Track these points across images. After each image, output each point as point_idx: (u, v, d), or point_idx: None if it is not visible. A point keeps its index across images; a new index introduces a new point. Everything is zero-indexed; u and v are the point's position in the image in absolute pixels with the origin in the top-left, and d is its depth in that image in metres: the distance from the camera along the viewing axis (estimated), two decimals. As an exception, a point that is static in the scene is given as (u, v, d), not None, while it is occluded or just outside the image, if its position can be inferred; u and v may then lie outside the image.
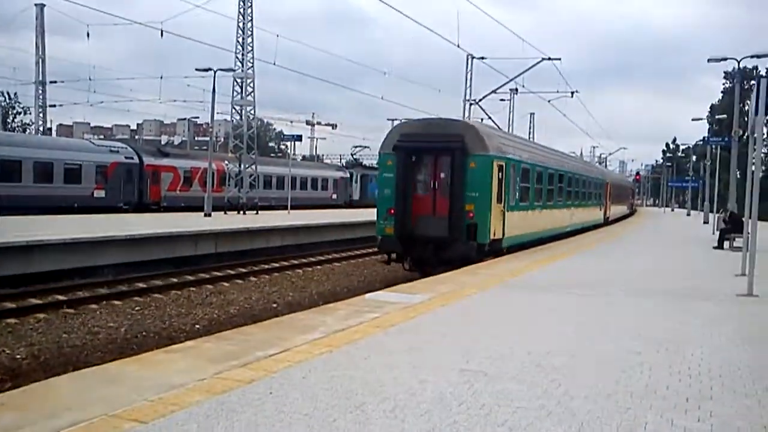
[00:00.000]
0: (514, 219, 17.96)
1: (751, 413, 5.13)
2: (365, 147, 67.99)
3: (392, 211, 16.32)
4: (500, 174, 16.76)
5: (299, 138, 41.64)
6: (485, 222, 16.09)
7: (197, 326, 12.67)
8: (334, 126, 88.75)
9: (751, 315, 9.45)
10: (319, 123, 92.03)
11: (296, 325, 7.89)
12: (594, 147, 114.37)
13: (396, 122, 47.42)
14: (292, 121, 79.95)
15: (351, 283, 18.42)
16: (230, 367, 5.91)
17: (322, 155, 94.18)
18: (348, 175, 55.82)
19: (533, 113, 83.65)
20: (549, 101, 38.28)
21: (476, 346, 7.01)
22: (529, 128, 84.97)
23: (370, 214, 34.83)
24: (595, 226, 32.40)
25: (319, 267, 21.39)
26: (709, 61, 30.95)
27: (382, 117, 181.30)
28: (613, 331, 8.02)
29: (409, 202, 16.24)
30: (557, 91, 36.95)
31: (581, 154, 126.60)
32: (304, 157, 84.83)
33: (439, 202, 16.20)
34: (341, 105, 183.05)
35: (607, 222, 36.93)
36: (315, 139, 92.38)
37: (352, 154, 64.97)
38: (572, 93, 35.49)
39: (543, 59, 29.32)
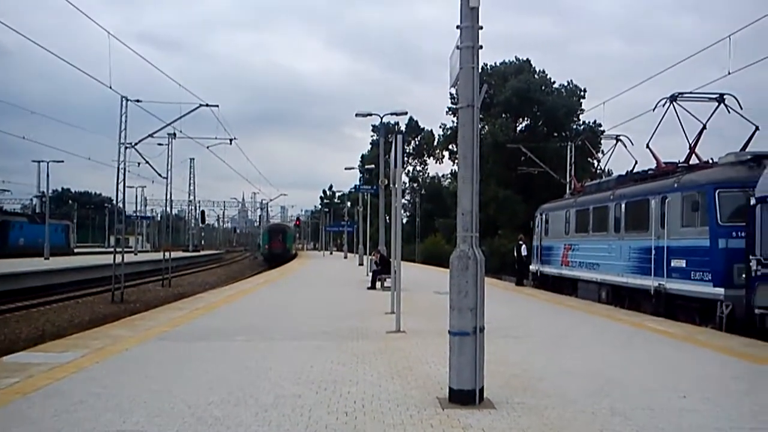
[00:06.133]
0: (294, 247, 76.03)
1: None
2: (6, 191, 61.80)
3: (267, 246, 64.10)
4: (294, 235, 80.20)
5: None
6: (292, 248, 71.99)
7: None
8: (-34, 167, 78.44)
9: (399, 350, 10.21)
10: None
11: None
12: (255, 193, 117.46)
13: (42, 164, 47.03)
14: None
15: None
16: None
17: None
18: None
19: (193, 158, 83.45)
20: (208, 147, 38.47)
21: (134, 404, 6.60)
22: (190, 173, 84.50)
23: (14, 265, 31.61)
24: (294, 255, 71.45)
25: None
26: (356, 115, 33.87)
27: (26, 158, 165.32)
28: (274, 376, 8.10)
29: (272, 243, 63.70)
30: (216, 137, 37.07)
31: (243, 199, 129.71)
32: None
33: (280, 244, 64.02)
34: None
35: (296, 253, 77.27)
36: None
37: (-9, 199, 58.65)
38: (231, 140, 35.91)
39: (200, 105, 29.23)
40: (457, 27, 7.01)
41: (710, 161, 16.92)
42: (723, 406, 7.04)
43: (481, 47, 6.95)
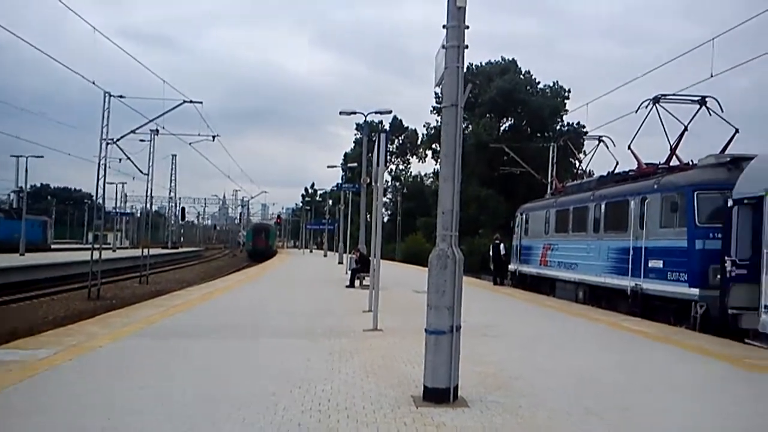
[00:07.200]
0: (275, 244, 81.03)
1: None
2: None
3: (251, 243, 71.41)
4: (275, 233, 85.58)
5: None
6: (274, 245, 77.04)
7: None
8: (-56, 162, 77.85)
9: (375, 348, 10.18)
10: None
11: None
12: (236, 190, 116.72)
13: (21, 159, 46.24)
14: None
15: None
16: None
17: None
18: None
19: (175, 155, 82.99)
20: (190, 144, 38.28)
21: (106, 402, 6.51)
22: (171, 170, 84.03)
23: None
24: (275, 252, 73.89)
25: None
26: (340, 113, 33.76)
27: (6, 153, 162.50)
28: (249, 373, 8.05)
29: (256, 240, 70.84)
30: (199, 134, 36.86)
31: (224, 196, 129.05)
32: None
33: (263, 241, 70.80)
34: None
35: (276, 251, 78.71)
36: None
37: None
38: (214, 137, 35.66)
39: (184, 101, 29.01)
40: (444, 27, 6.97)
41: (690, 163, 17.03)
42: (696, 405, 7.08)
43: (467, 47, 6.93)
